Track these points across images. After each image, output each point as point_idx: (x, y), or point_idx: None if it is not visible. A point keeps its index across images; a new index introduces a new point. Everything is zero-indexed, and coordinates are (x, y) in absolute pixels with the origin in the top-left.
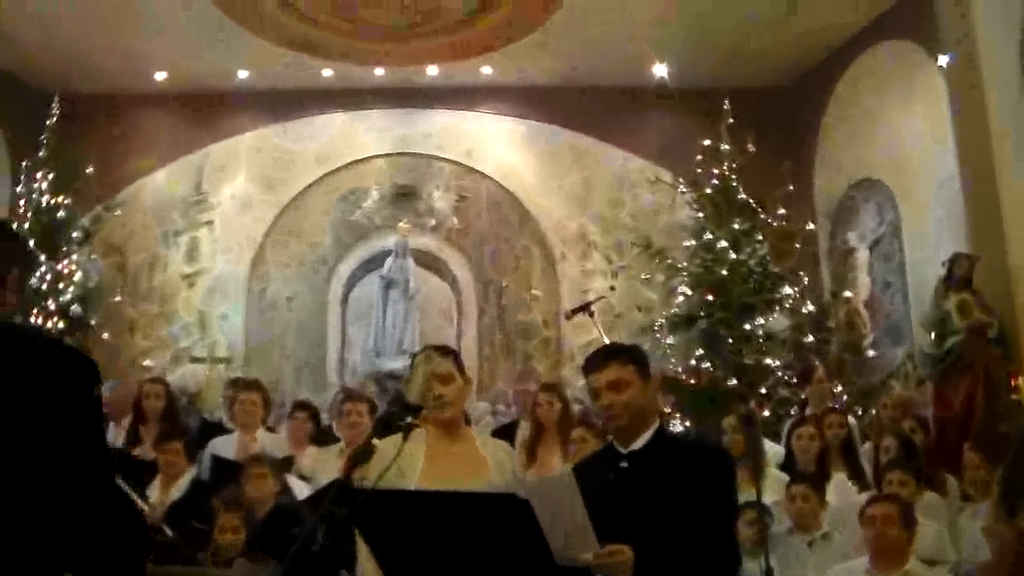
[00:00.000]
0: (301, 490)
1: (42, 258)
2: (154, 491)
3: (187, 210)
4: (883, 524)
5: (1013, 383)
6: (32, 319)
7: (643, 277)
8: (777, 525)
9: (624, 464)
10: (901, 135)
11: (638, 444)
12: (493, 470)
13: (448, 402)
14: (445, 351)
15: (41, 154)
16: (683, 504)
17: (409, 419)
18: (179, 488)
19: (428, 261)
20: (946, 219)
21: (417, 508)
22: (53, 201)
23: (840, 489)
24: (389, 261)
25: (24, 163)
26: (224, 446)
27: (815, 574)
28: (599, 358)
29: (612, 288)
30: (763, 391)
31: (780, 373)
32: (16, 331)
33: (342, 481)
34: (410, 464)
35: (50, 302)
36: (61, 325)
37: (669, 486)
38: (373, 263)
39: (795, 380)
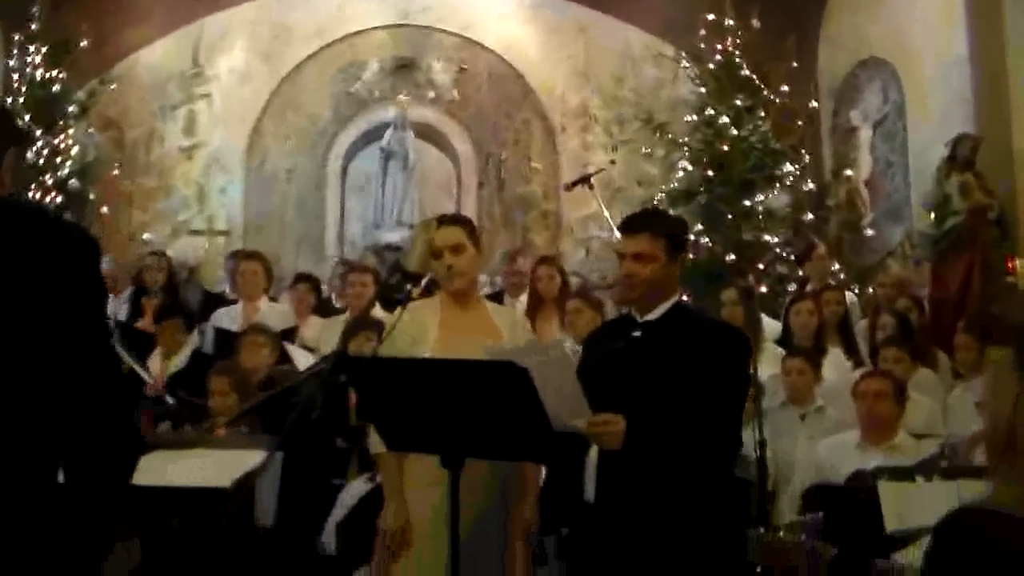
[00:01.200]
0: (305, 360)
1: (38, 133)
2: (155, 362)
3: (184, 83)
4: (875, 399)
5: (1010, 265)
6: (29, 194)
7: (644, 151)
8: (770, 399)
9: (637, 333)
10: (909, 14)
11: (654, 315)
12: (507, 339)
13: (458, 272)
14: (456, 220)
15: (34, 27)
16: (690, 380)
17: (408, 287)
18: (180, 359)
19: (428, 133)
20: (951, 100)
21: (415, 376)
22: (47, 75)
23: (835, 365)
24: (388, 133)
25: (16, 37)
26: (227, 317)
27: (806, 446)
28: (635, 222)
29: (612, 162)
30: (761, 267)
31: (779, 250)
32: (16, 208)
33: (342, 351)
34: (422, 334)
35: (47, 177)
36: (59, 200)
37: (678, 360)
38: (372, 135)
39: (794, 257)
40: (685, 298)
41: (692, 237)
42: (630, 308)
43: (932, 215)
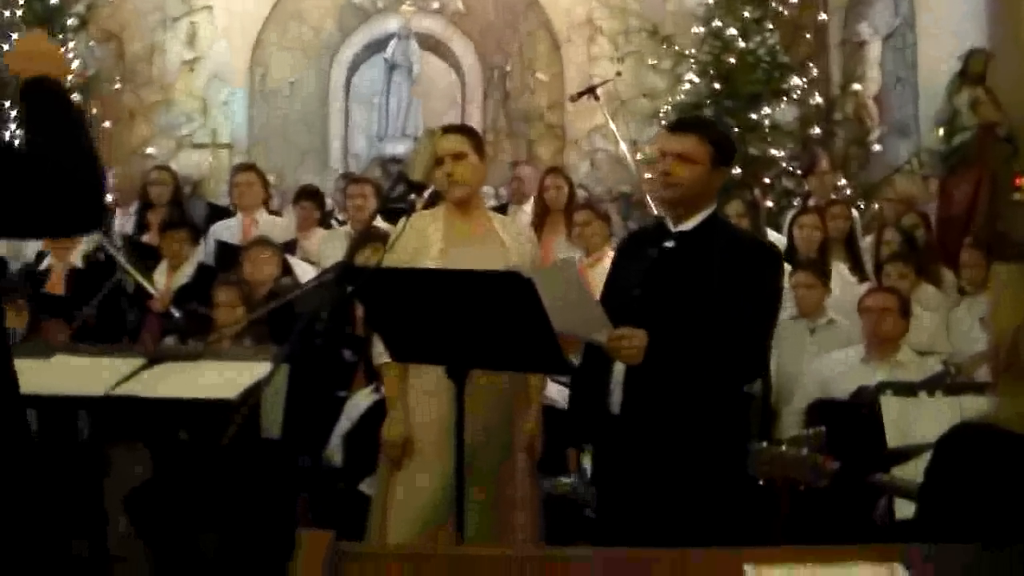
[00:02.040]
0: (307, 273)
1: None
2: (160, 276)
3: None
4: (880, 314)
5: (1017, 183)
6: None
7: (650, 63)
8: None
9: (670, 244)
10: None
11: (688, 225)
12: (511, 249)
13: (458, 181)
14: (460, 129)
15: None
16: (722, 294)
17: (412, 197)
18: (185, 273)
19: (432, 44)
20: (963, 15)
21: (420, 286)
22: None
23: (840, 280)
24: (392, 44)
25: None
26: (227, 230)
27: (812, 359)
28: (683, 123)
29: (618, 74)
30: (767, 181)
31: (785, 164)
32: None
33: (346, 262)
34: (425, 244)
35: None
36: None
37: (711, 273)
38: (376, 47)
39: (800, 171)
40: None
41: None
42: (664, 216)
43: (941, 131)
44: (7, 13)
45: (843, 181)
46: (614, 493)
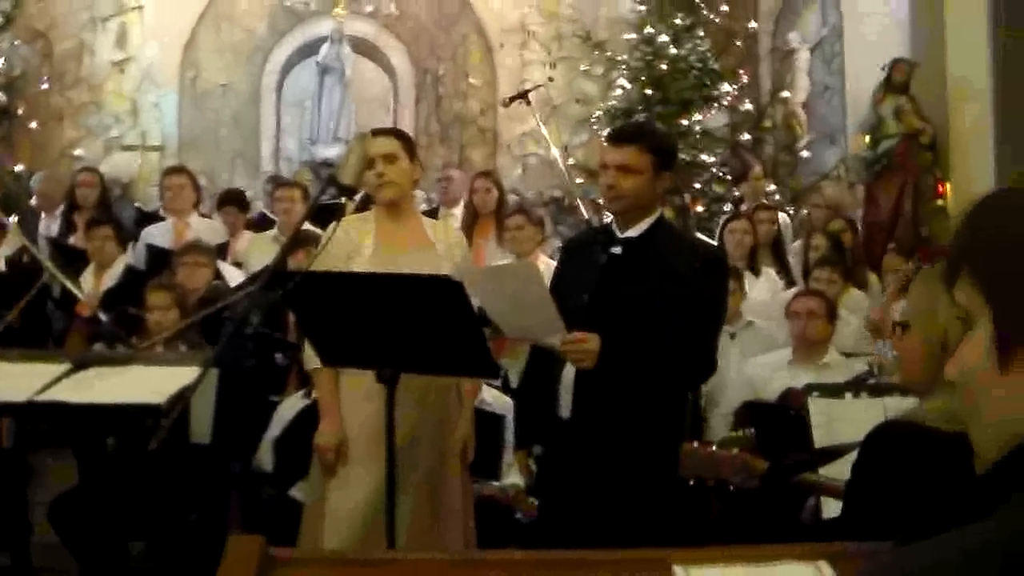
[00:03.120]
0: (236, 277)
1: None
2: (87, 279)
3: None
4: (808, 318)
5: (940, 189)
6: None
7: (582, 69)
8: None
9: (617, 250)
10: None
11: (635, 232)
12: (442, 253)
13: (390, 181)
14: (391, 132)
15: None
16: (669, 299)
17: (342, 200)
18: (112, 276)
19: (365, 48)
20: (888, 25)
21: (350, 290)
22: None
23: (768, 284)
24: (325, 48)
25: None
26: (158, 234)
27: (738, 363)
28: (622, 134)
29: (551, 79)
30: (697, 186)
31: (715, 169)
32: None
33: (275, 266)
34: (357, 248)
35: None
36: None
37: (659, 277)
38: (308, 49)
39: (729, 177)
40: None
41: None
42: (610, 222)
43: (867, 139)
44: None
45: (772, 187)
46: (557, 496)
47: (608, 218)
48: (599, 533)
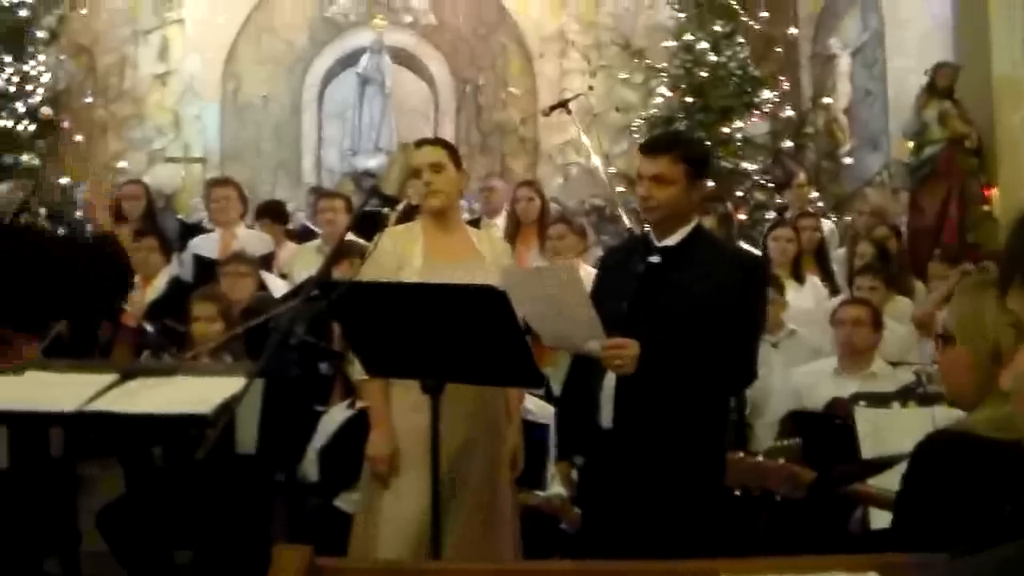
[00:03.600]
0: (281, 288)
1: (7, 59)
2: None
3: (156, 7)
4: (853, 326)
5: (986, 195)
6: (1, 122)
7: (622, 77)
8: None
9: (655, 259)
10: None
11: (672, 240)
12: (489, 264)
13: (438, 190)
14: (437, 141)
15: None
16: (708, 306)
17: (386, 211)
18: (157, 287)
19: (405, 58)
20: (931, 28)
21: (395, 300)
22: (15, 0)
23: (813, 292)
24: (365, 58)
25: None
26: (205, 245)
27: (782, 372)
28: (654, 145)
29: (591, 88)
30: (739, 194)
31: (757, 177)
32: None
33: (320, 276)
34: (407, 259)
35: (19, 104)
36: (32, 128)
37: (697, 285)
38: (349, 60)
39: (771, 184)
40: None
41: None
42: (648, 231)
43: (910, 144)
44: None
45: (815, 194)
46: (600, 506)
47: (647, 228)
48: (643, 543)
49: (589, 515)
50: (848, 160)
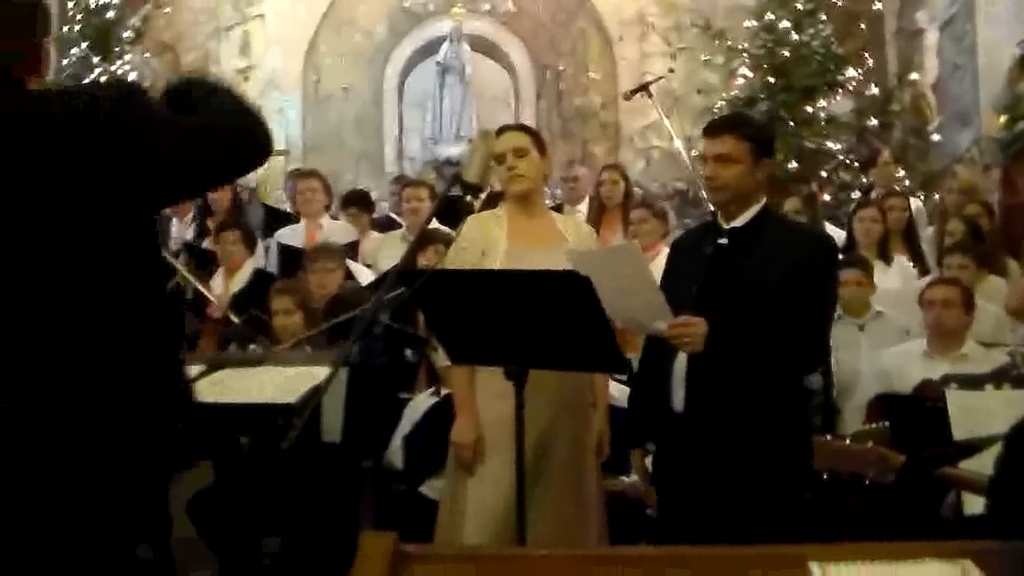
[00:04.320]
0: (366, 276)
1: (95, 60)
2: (218, 282)
3: (237, 3)
4: (942, 307)
5: None
6: None
7: (703, 59)
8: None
9: (723, 240)
10: None
11: (740, 221)
12: (572, 247)
13: (521, 175)
14: (520, 127)
15: None
16: (779, 286)
17: (468, 198)
18: (241, 278)
19: (484, 46)
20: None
21: (477, 288)
22: (101, 2)
23: (901, 272)
24: (444, 47)
25: None
26: (291, 235)
27: (869, 355)
28: (717, 125)
29: (671, 70)
30: (824, 174)
31: (842, 157)
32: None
33: (404, 264)
34: (493, 244)
35: None
36: None
37: (766, 266)
38: (428, 50)
39: (857, 164)
40: None
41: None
42: (715, 214)
43: (1002, 119)
44: (65, 29)
45: (902, 172)
46: (676, 491)
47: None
48: (722, 529)
49: (666, 501)
50: (936, 137)
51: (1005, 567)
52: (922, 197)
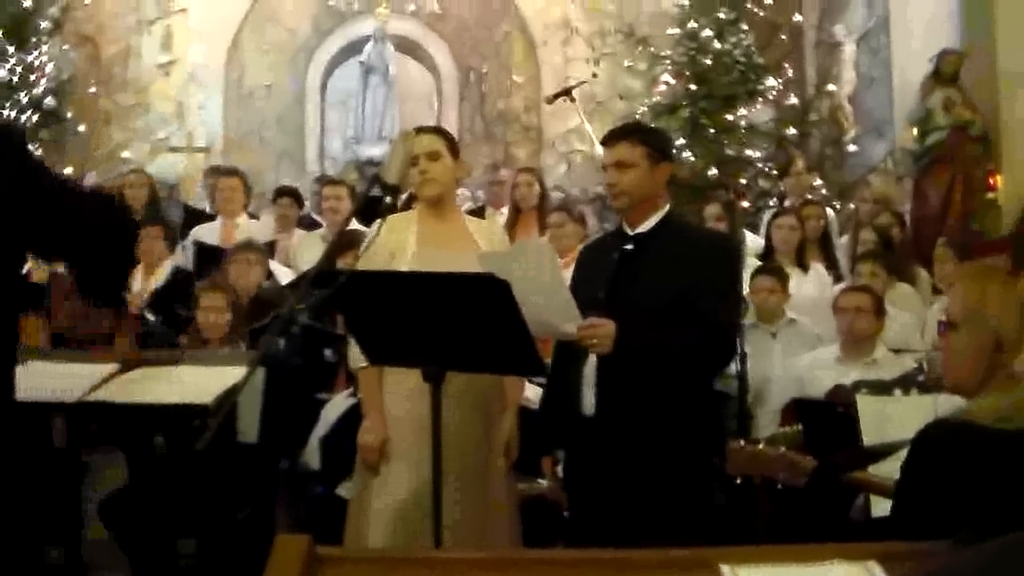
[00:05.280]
0: (286, 276)
1: (11, 50)
2: (136, 279)
3: None
4: (855, 313)
5: (991, 182)
6: (4, 112)
7: (625, 65)
8: (749, 316)
9: (629, 246)
10: None
11: (644, 227)
12: (484, 251)
13: (433, 178)
14: (434, 130)
15: None
16: (684, 287)
17: (388, 199)
18: (160, 276)
19: (408, 47)
20: (936, 15)
21: (395, 290)
22: None
23: (816, 280)
24: (368, 47)
25: None
26: (207, 233)
27: (782, 361)
28: (612, 134)
29: (594, 75)
30: (743, 182)
31: (761, 165)
32: None
33: (323, 265)
34: (401, 247)
35: (22, 95)
36: (35, 118)
37: (672, 269)
38: (352, 49)
39: (775, 172)
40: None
41: (674, 151)
42: (621, 222)
43: (915, 131)
44: None
45: (819, 181)
46: (588, 495)
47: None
48: (635, 533)
49: (578, 506)
50: (852, 147)
51: (908, 566)
52: (838, 206)
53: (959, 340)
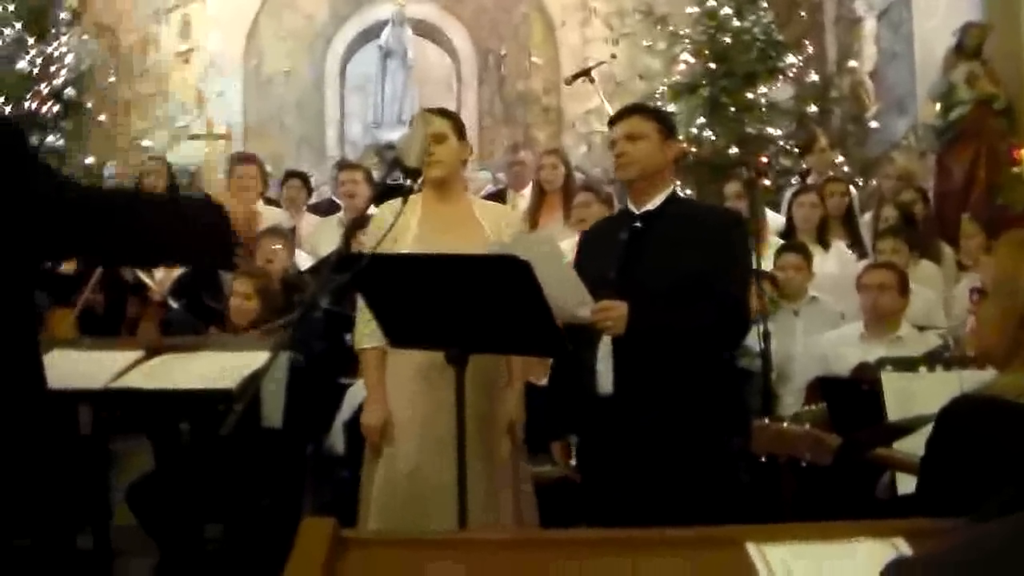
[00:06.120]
0: (306, 262)
1: (31, 41)
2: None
3: None
4: (879, 291)
5: (1015, 156)
6: (25, 104)
7: (644, 44)
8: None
9: (637, 224)
10: None
11: (651, 205)
12: (489, 233)
13: (438, 161)
14: (440, 112)
15: None
16: (695, 264)
17: (408, 182)
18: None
19: (426, 30)
20: None
21: (416, 272)
22: None
23: (839, 257)
24: (386, 31)
25: None
26: None
27: (804, 339)
28: (623, 111)
29: (613, 56)
30: (764, 160)
31: (782, 143)
32: None
33: (342, 249)
34: (403, 231)
35: (43, 86)
36: (56, 109)
37: (681, 246)
38: (370, 34)
39: (797, 150)
40: (689, 192)
41: (695, 130)
42: (626, 202)
43: (938, 106)
44: (1, 8)
45: (841, 158)
46: (606, 477)
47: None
48: (657, 512)
49: (595, 488)
50: (874, 124)
51: (934, 543)
52: (860, 183)
53: (988, 309)
